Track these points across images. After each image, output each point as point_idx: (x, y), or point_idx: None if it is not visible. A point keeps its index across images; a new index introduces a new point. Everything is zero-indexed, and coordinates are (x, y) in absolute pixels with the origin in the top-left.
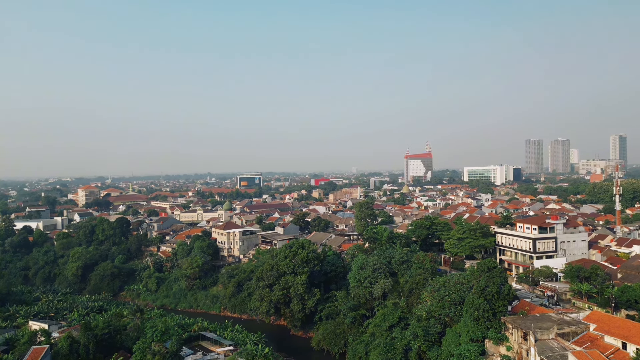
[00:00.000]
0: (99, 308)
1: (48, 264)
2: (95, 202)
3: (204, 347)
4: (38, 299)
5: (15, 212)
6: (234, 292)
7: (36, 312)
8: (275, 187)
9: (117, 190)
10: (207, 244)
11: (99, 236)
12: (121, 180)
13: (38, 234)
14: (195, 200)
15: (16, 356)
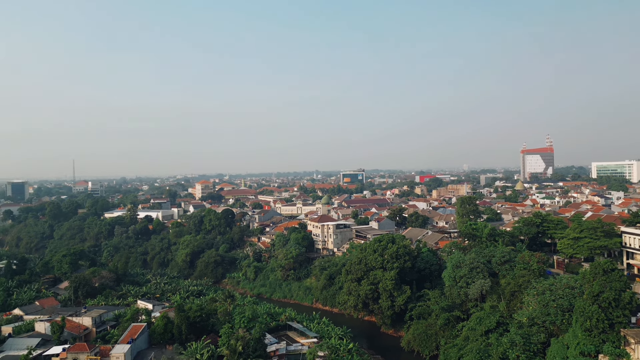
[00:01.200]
0: (198, 292)
1: (163, 250)
2: (209, 196)
3: (290, 337)
4: (148, 281)
5: (141, 204)
6: (325, 285)
7: (144, 293)
8: (378, 184)
9: (230, 185)
10: (302, 236)
11: (207, 226)
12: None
13: (157, 223)
14: (297, 194)
15: (120, 331)
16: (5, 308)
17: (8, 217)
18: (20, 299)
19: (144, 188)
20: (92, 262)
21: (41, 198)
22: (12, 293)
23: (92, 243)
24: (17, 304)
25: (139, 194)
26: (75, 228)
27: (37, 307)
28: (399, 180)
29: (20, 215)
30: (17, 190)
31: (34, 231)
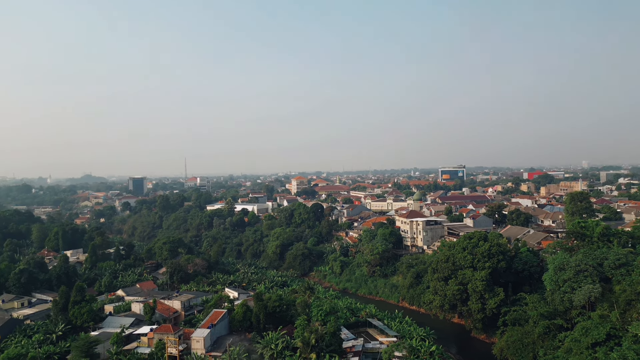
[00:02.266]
0: (282, 283)
1: (256, 241)
2: (303, 191)
3: (369, 335)
4: (237, 270)
5: (241, 198)
6: (412, 283)
7: (232, 281)
8: (481, 181)
9: (324, 182)
10: (390, 231)
11: (296, 219)
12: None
13: (251, 215)
14: (390, 191)
15: (204, 316)
16: (110, 289)
17: (126, 208)
18: (123, 281)
19: (246, 184)
20: (189, 250)
21: (156, 192)
22: (117, 276)
23: (194, 233)
24: (121, 285)
25: (241, 189)
26: (180, 219)
27: (137, 289)
28: (504, 178)
29: (136, 207)
30: (137, 185)
31: (146, 221)
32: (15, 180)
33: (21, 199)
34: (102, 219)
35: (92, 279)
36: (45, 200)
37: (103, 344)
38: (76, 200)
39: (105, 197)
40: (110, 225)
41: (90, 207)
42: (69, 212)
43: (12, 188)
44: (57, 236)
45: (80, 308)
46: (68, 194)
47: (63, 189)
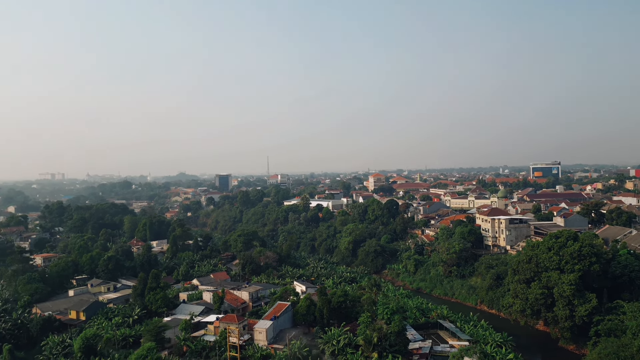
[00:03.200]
0: (351, 279)
1: (329, 237)
2: (380, 188)
3: (439, 337)
4: (308, 264)
5: (317, 194)
6: (491, 285)
7: (301, 275)
8: (579, 178)
9: (403, 179)
10: (469, 230)
11: (370, 216)
12: (415, 172)
13: (326, 211)
14: (473, 188)
15: (269, 307)
16: (187, 278)
17: (210, 203)
18: (199, 271)
19: (325, 181)
20: (263, 243)
21: (240, 189)
22: (194, 265)
23: (271, 227)
24: (196, 275)
25: (319, 186)
26: (259, 214)
27: (211, 279)
28: (606, 175)
29: (220, 201)
30: (223, 181)
31: (228, 215)
32: (119, 177)
33: (122, 194)
34: (189, 213)
35: (171, 267)
36: (142, 196)
37: (173, 329)
38: (168, 196)
39: (193, 192)
40: (196, 219)
41: (179, 202)
42: (161, 206)
43: (115, 184)
44: (145, 227)
45: (155, 294)
46: (162, 190)
47: (158, 186)
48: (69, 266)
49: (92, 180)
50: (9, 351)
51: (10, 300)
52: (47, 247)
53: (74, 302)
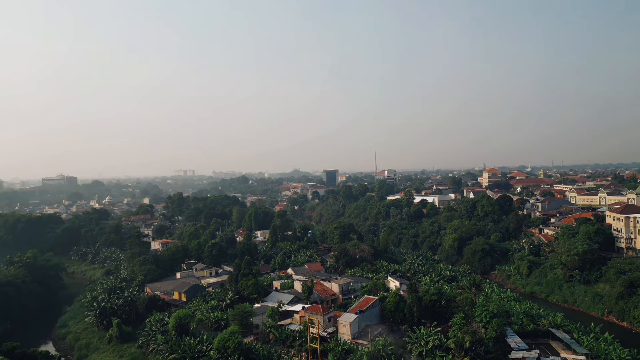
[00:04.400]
0: (451, 278)
1: (433, 233)
2: (495, 184)
3: (550, 348)
4: (405, 260)
5: (424, 190)
6: (622, 293)
7: (396, 270)
8: None
9: (523, 175)
10: (596, 229)
11: (479, 212)
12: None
13: (430, 207)
14: (607, 184)
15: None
16: (282, 267)
17: (316, 197)
18: (295, 261)
19: (436, 178)
20: (360, 236)
21: (346, 183)
22: (291, 255)
23: (372, 222)
24: (292, 264)
25: (428, 182)
26: (361, 208)
27: (305, 269)
28: None
29: (324, 196)
30: (330, 177)
31: (331, 209)
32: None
33: (239, 188)
34: (295, 207)
35: (269, 256)
36: (256, 190)
37: (261, 316)
38: (280, 190)
39: (302, 187)
40: (302, 212)
41: (288, 196)
42: (271, 199)
43: (234, 180)
44: (250, 218)
45: (247, 280)
46: (275, 185)
47: (272, 181)
48: (179, 251)
49: (216, 177)
50: (118, 325)
51: (127, 280)
52: (166, 234)
53: (177, 284)
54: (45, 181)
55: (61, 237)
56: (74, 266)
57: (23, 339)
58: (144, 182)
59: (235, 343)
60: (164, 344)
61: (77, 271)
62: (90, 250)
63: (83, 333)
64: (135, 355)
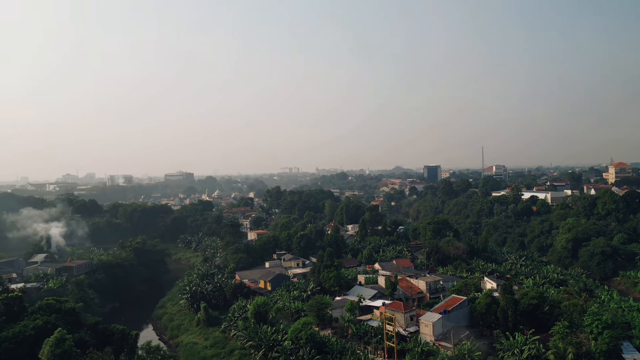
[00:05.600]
0: (559, 281)
1: (543, 233)
2: (624, 180)
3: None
4: (506, 260)
5: (536, 187)
6: None
7: (493, 270)
8: None
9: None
10: None
11: (600, 210)
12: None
13: (541, 204)
14: None
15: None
16: (369, 261)
17: (413, 193)
18: (383, 256)
19: (553, 174)
20: (456, 233)
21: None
22: (379, 250)
23: (474, 219)
24: (380, 259)
25: (542, 178)
26: (461, 204)
27: (393, 265)
28: None
29: (423, 191)
30: (431, 173)
31: (429, 205)
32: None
33: (338, 184)
34: (392, 202)
35: (357, 250)
36: (355, 186)
37: (340, 309)
38: (378, 186)
39: (400, 183)
40: (398, 208)
41: (385, 192)
42: (368, 195)
43: (334, 176)
44: (342, 211)
45: (328, 272)
46: (373, 182)
47: (371, 177)
48: (270, 241)
49: (318, 174)
50: (205, 309)
51: (220, 267)
52: (262, 225)
53: (264, 272)
54: (167, 177)
55: (170, 226)
56: (180, 253)
57: (129, 316)
58: (252, 178)
59: (308, 334)
60: (243, 330)
61: (182, 258)
62: (194, 239)
63: (176, 315)
64: (218, 339)
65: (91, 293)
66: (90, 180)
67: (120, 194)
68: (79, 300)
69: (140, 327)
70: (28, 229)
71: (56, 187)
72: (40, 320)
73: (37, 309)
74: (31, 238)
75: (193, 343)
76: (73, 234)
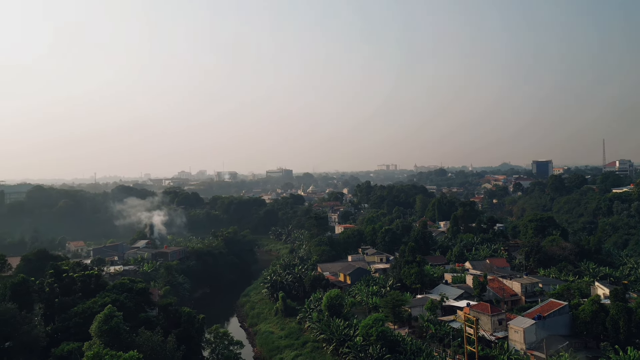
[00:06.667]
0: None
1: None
2: None
3: None
4: (624, 264)
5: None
6: None
7: (606, 275)
8: None
9: None
10: None
11: None
12: None
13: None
14: None
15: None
16: (460, 259)
17: (518, 189)
18: (476, 255)
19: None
20: (563, 232)
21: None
22: (471, 248)
23: (588, 219)
24: (472, 258)
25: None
26: (573, 202)
27: (486, 264)
28: None
29: (529, 188)
30: (541, 168)
31: (535, 203)
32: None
33: (435, 181)
34: (494, 200)
35: (446, 247)
36: (454, 183)
37: (420, 307)
38: (479, 183)
39: (504, 180)
40: (500, 205)
41: (487, 189)
42: (467, 192)
43: (431, 172)
44: (434, 207)
45: (409, 268)
46: (475, 178)
47: (473, 174)
48: (354, 235)
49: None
50: (282, 298)
51: (303, 259)
52: (350, 219)
53: (345, 266)
54: (268, 173)
55: (263, 218)
56: (271, 244)
57: (217, 302)
58: (348, 175)
59: (379, 331)
60: (316, 322)
61: (273, 249)
62: (284, 231)
63: (258, 303)
64: (293, 330)
65: (181, 278)
66: (201, 176)
67: (224, 188)
68: (167, 284)
69: (225, 314)
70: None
71: (170, 183)
72: (108, 298)
73: (111, 288)
74: (136, 225)
75: (269, 332)
76: (173, 223)
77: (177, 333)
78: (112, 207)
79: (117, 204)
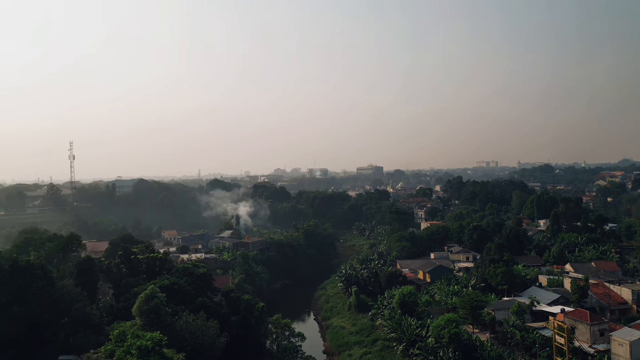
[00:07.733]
0: None
1: None
2: None
3: None
4: None
5: None
6: None
7: None
8: None
9: None
10: None
11: None
12: None
13: None
14: None
15: None
16: (560, 261)
17: (638, 186)
18: (579, 257)
19: None
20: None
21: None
22: (574, 249)
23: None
24: (573, 260)
25: None
26: None
27: (591, 267)
28: None
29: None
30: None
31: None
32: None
33: (540, 178)
34: (609, 198)
35: (544, 247)
36: (561, 180)
37: (505, 311)
38: (592, 180)
39: (622, 176)
40: (616, 205)
41: (601, 186)
42: (576, 189)
43: (536, 169)
44: (532, 204)
45: (495, 268)
46: (588, 175)
47: (586, 170)
48: (439, 232)
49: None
50: (356, 293)
51: (383, 254)
52: (437, 216)
53: (425, 263)
54: (358, 170)
55: (347, 213)
56: (354, 239)
57: (295, 294)
58: (442, 172)
59: (452, 333)
60: (388, 320)
61: (356, 244)
62: (368, 226)
63: (333, 297)
64: (365, 326)
65: (259, 268)
66: (294, 174)
67: (314, 184)
68: (243, 273)
69: (302, 306)
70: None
71: (266, 179)
72: (167, 281)
73: (174, 271)
74: (223, 217)
75: (340, 327)
76: (259, 216)
77: (235, 321)
78: (204, 200)
79: (208, 197)
